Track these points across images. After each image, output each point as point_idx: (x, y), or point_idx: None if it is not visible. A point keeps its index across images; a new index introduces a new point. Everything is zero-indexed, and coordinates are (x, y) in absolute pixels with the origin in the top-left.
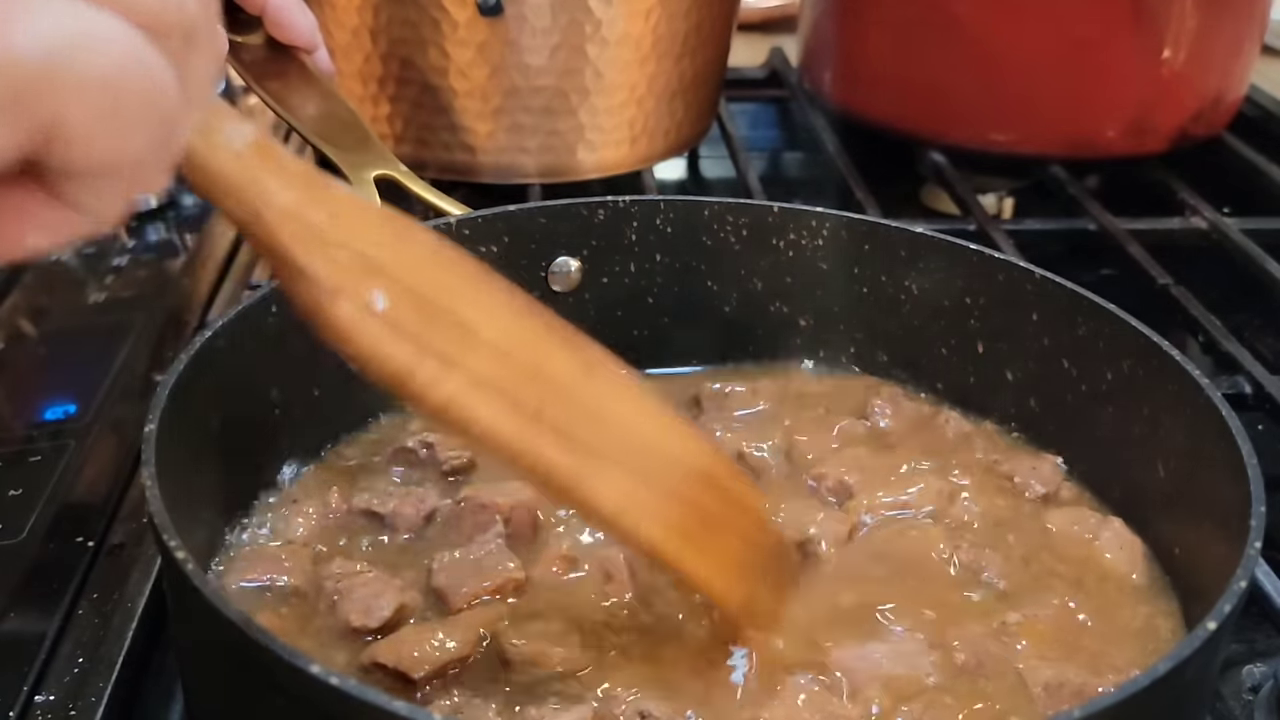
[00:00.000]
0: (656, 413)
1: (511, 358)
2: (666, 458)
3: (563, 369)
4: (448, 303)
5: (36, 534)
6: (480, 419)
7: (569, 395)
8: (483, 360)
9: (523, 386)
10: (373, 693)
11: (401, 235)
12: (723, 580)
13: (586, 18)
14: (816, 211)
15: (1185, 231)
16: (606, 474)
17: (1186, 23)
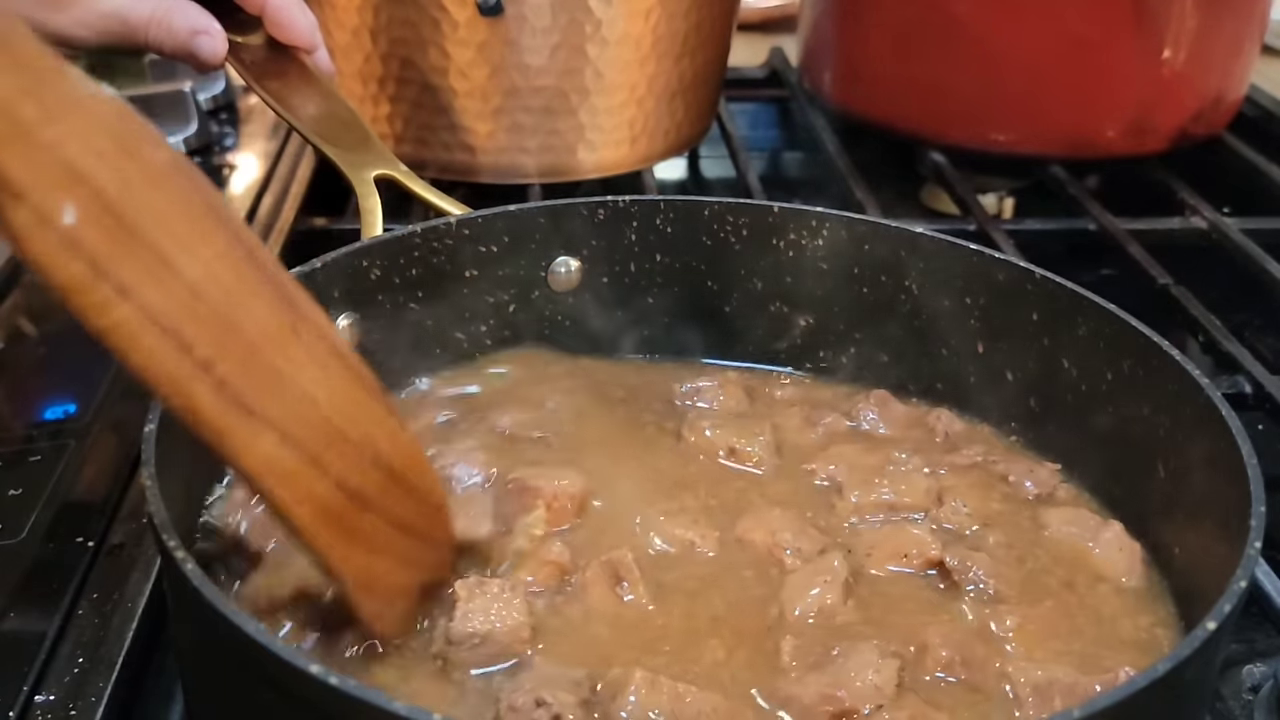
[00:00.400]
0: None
1: (203, 302)
2: (340, 436)
3: (261, 326)
4: (153, 232)
5: (36, 534)
6: (138, 353)
7: (253, 352)
8: (167, 297)
9: (202, 332)
10: (373, 692)
11: (130, 150)
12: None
13: (586, 18)
14: (816, 211)
15: (1185, 231)
16: (259, 436)
17: (1186, 23)
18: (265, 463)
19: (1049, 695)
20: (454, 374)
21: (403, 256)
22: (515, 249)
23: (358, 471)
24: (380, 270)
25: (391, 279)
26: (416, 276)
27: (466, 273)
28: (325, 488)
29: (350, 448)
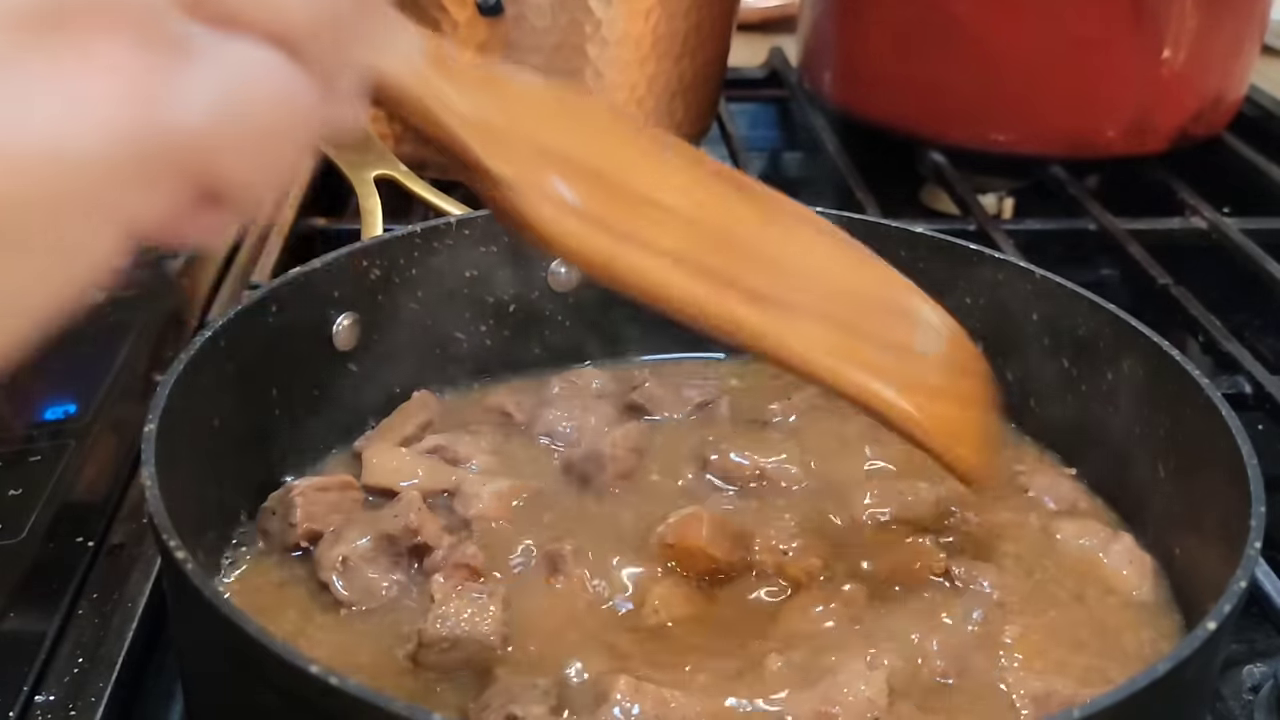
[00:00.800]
0: (836, 250)
1: (697, 225)
2: (852, 295)
3: (745, 225)
4: (630, 179)
5: (36, 534)
6: (676, 292)
7: (754, 252)
8: (672, 234)
9: (711, 253)
10: (372, 692)
11: (577, 116)
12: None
13: (586, 18)
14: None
15: (1185, 231)
16: (794, 324)
17: (1186, 23)
18: (810, 344)
19: (1047, 706)
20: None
21: (403, 256)
22: (515, 249)
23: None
24: (380, 270)
25: (391, 279)
26: (416, 276)
27: (466, 273)
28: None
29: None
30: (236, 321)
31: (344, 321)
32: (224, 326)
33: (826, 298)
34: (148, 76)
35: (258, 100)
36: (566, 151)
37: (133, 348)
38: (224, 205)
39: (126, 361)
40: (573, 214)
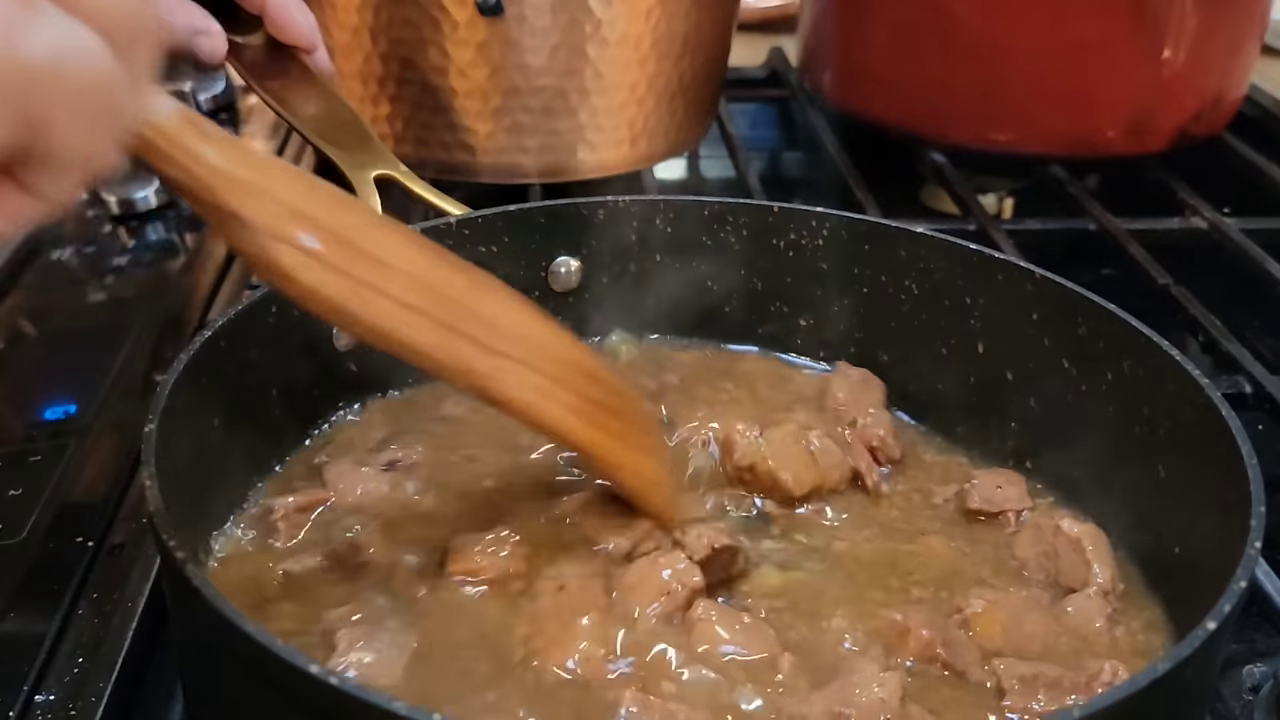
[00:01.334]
0: (540, 320)
1: (421, 282)
2: (559, 357)
3: (461, 288)
4: (362, 242)
5: (36, 534)
6: (408, 337)
7: (470, 309)
8: (402, 287)
9: (436, 305)
10: (372, 693)
11: (315, 186)
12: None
13: (586, 18)
14: (816, 211)
15: (1185, 231)
16: (515, 371)
17: (1186, 23)
18: (529, 389)
19: (1034, 687)
20: None
21: None
22: (515, 249)
23: (585, 384)
24: None
25: None
26: None
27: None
28: (574, 399)
29: (568, 368)
30: (236, 321)
31: None
32: (224, 326)
33: (532, 352)
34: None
35: (85, 64)
36: (306, 209)
37: (133, 348)
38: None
39: (126, 361)
40: (316, 261)
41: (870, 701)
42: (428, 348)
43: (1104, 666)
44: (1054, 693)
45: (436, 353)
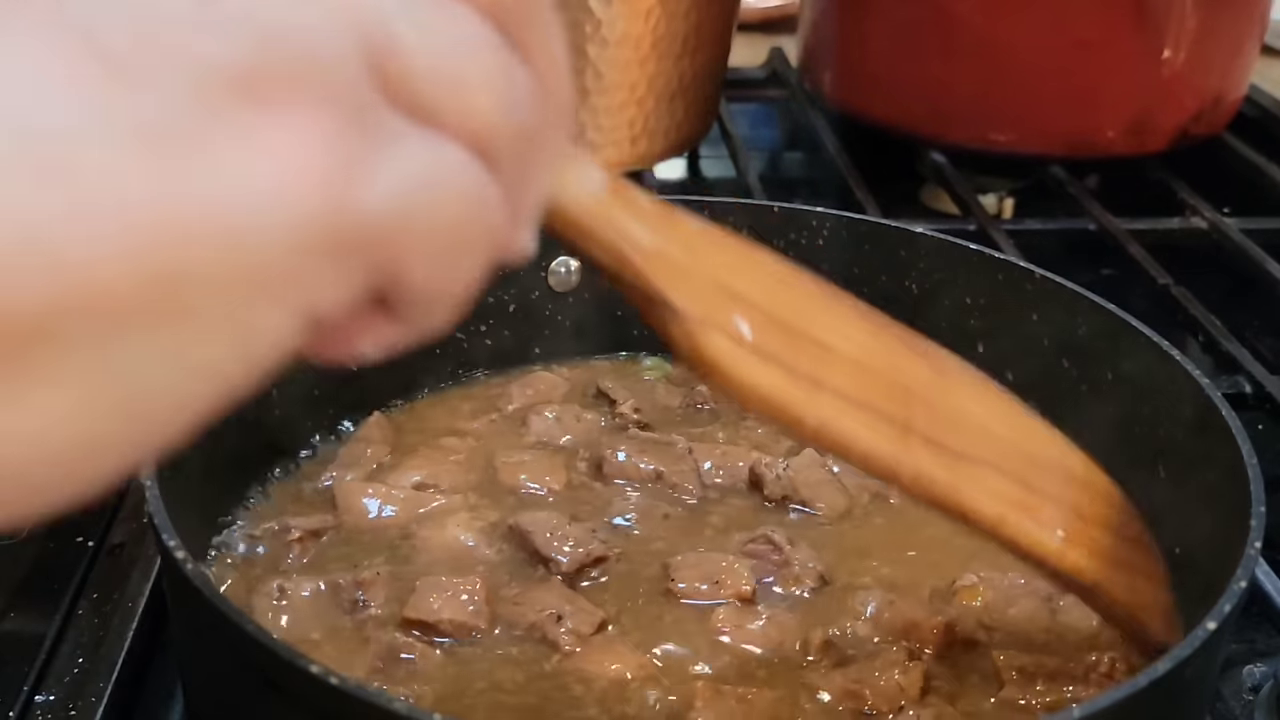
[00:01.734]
0: (1011, 412)
1: (870, 371)
2: (1032, 457)
3: (918, 376)
4: (800, 322)
5: (36, 534)
6: (858, 438)
7: (930, 402)
8: (846, 377)
9: (887, 399)
10: (372, 692)
11: (748, 258)
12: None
13: (586, 18)
14: (816, 211)
15: (1185, 231)
16: (981, 479)
17: (1186, 23)
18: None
19: (1033, 677)
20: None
21: None
22: None
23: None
24: None
25: None
26: None
27: None
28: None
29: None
30: None
31: None
32: None
33: (1002, 452)
34: (342, 157)
35: (448, 198)
36: (738, 289)
37: None
38: (396, 314)
39: None
40: (754, 352)
41: (888, 686)
42: (883, 454)
43: (1103, 658)
44: (1052, 683)
45: (891, 460)
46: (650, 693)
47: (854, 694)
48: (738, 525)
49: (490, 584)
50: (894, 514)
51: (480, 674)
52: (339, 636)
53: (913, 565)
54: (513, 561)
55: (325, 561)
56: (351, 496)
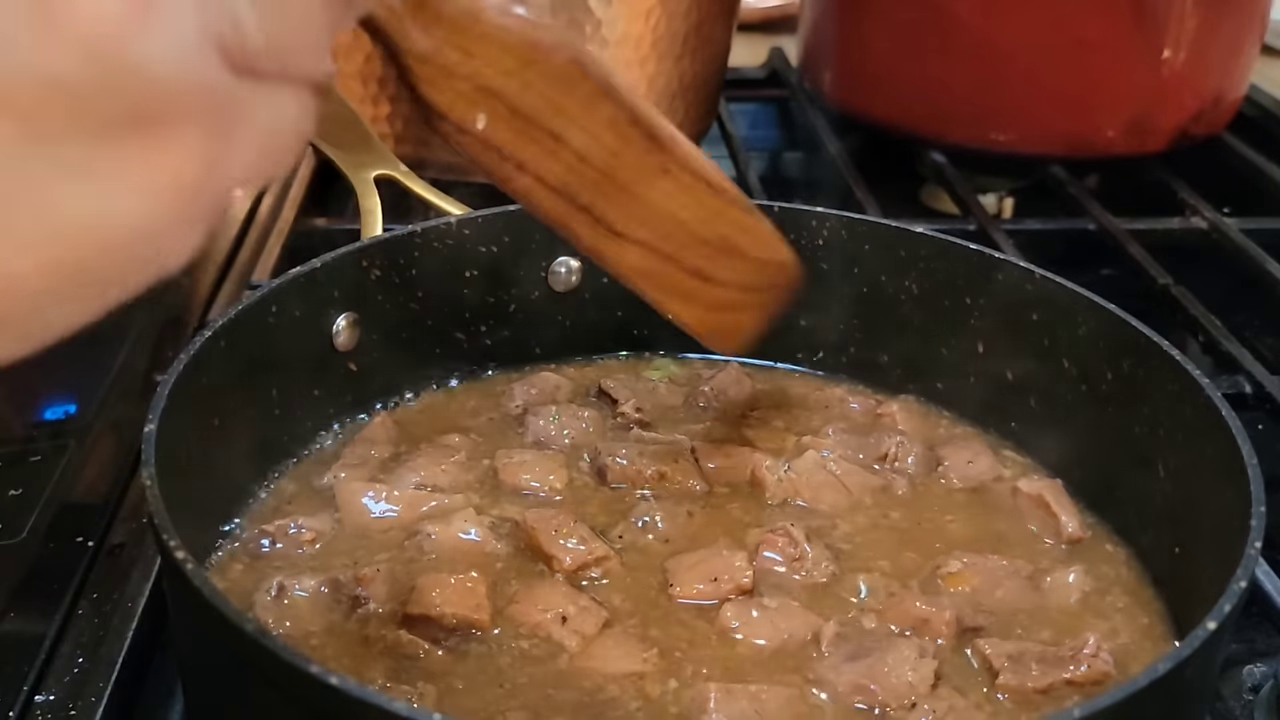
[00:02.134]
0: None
1: (586, 163)
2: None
3: (634, 171)
4: (548, 118)
5: (36, 534)
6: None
7: (624, 191)
8: (556, 165)
9: (582, 185)
10: (372, 693)
11: (530, 60)
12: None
13: (586, 18)
14: (816, 211)
15: (1185, 231)
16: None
17: (1186, 23)
18: (631, 267)
19: (1025, 663)
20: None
21: (403, 256)
22: (515, 249)
23: (707, 259)
24: (380, 270)
25: (391, 279)
26: (416, 276)
27: (466, 273)
28: (679, 276)
29: (703, 244)
30: (236, 321)
31: (344, 321)
32: (224, 326)
33: (663, 235)
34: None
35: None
36: (499, 89)
37: (133, 348)
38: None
39: (126, 361)
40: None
41: (899, 683)
42: (545, 211)
43: (1089, 640)
44: (1045, 667)
45: (551, 216)
46: (660, 692)
47: (864, 689)
48: (742, 523)
49: (492, 581)
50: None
51: (485, 673)
52: (339, 635)
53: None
54: (514, 560)
55: (326, 561)
56: (352, 496)
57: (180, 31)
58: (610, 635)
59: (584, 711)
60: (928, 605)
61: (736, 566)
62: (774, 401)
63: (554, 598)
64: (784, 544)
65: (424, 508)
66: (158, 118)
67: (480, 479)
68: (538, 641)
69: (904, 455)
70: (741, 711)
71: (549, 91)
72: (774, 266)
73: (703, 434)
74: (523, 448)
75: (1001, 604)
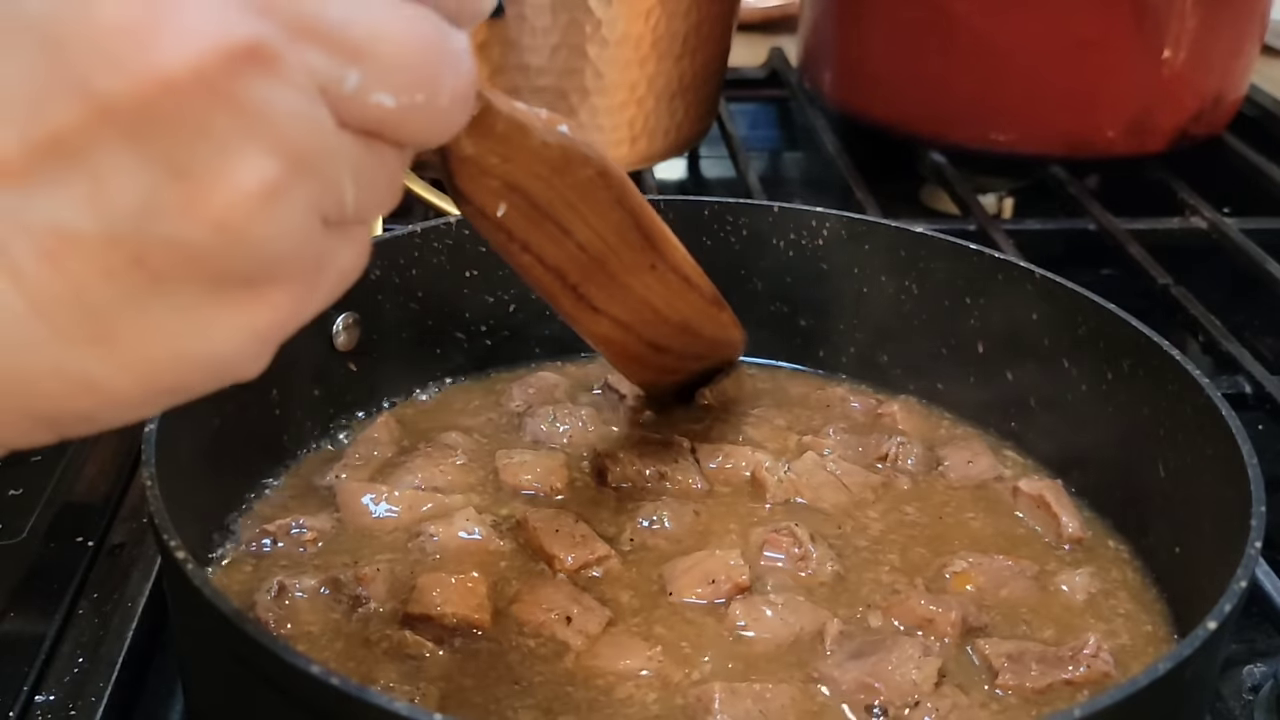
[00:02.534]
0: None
1: (585, 252)
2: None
3: (625, 264)
4: (561, 215)
5: (36, 534)
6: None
7: (612, 279)
8: (558, 252)
9: (576, 270)
10: (372, 693)
11: (561, 170)
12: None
13: (586, 18)
14: (816, 211)
15: (1185, 231)
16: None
17: (1186, 23)
18: (599, 336)
19: (1024, 663)
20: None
21: (403, 256)
22: None
23: (665, 335)
24: (380, 270)
25: (391, 279)
26: (416, 276)
27: (466, 273)
28: (637, 346)
29: (665, 323)
30: None
31: (344, 321)
32: None
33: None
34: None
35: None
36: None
37: None
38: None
39: None
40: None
41: (903, 681)
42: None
43: (1089, 640)
44: (1044, 667)
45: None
46: (664, 692)
47: (868, 687)
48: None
49: (493, 581)
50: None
51: (488, 673)
52: (340, 635)
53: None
54: (516, 560)
55: (326, 561)
56: (353, 496)
57: (296, 212)
58: (614, 634)
59: (595, 709)
60: (933, 604)
61: (732, 566)
62: (774, 401)
63: (557, 598)
64: (788, 543)
65: (425, 507)
66: (264, 279)
67: (481, 479)
68: (543, 641)
69: (904, 455)
70: (746, 711)
71: (570, 195)
72: (724, 345)
73: (702, 433)
74: (523, 448)
75: (1006, 604)
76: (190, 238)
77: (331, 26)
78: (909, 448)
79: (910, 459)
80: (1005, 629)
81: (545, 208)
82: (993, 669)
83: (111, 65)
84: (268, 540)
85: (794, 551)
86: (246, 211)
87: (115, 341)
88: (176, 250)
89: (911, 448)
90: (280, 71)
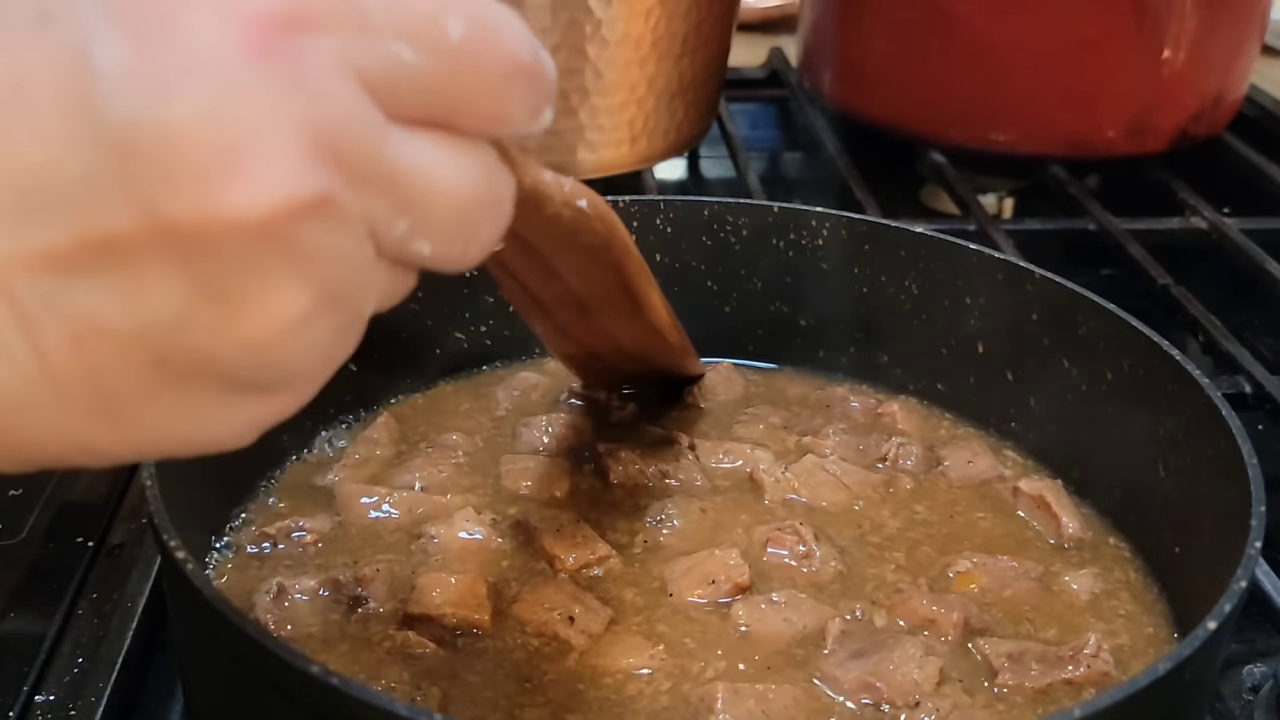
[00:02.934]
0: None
1: (569, 293)
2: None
3: (602, 308)
4: (555, 262)
5: (36, 534)
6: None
7: (586, 316)
8: (543, 286)
9: (557, 304)
10: (372, 693)
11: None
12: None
13: (586, 18)
14: (816, 211)
15: (1185, 231)
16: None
17: (1186, 23)
18: (563, 354)
19: (1024, 663)
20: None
21: None
22: None
23: (624, 360)
24: None
25: None
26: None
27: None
28: (596, 365)
29: (625, 353)
30: None
31: None
32: None
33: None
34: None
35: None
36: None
37: None
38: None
39: None
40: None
41: (904, 681)
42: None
43: (1089, 639)
44: (1044, 666)
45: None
46: (666, 692)
47: (870, 686)
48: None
49: (493, 581)
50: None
51: (495, 672)
52: (340, 635)
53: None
54: (516, 559)
55: (326, 561)
56: (352, 497)
57: (323, 338)
58: (616, 633)
59: (606, 708)
60: (935, 604)
61: (731, 565)
62: (774, 401)
63: (559, 597)
64: (792, 541)
65: (424, 508)
66: (278, 388)
67: (481, 479)
68: (546, 640)
69: (904, 455)
70: (749, 711)
71: (569, 253)
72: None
73: (698, 433)
74: (522, 447)
75: (1010, 603)
76: (216, 353)
77: (397, 177)
78: (909, 448)
79: (910, 459)
80: (1008, 629)
81: (542, 253)
82: (993, 669)
83: (181, 193)
84: (267, 541)
85: (798, 549)
86: (276, 337)
87: (121, 419)
88: (200, 360)
89: (911, 448)
90: (339, 218)
